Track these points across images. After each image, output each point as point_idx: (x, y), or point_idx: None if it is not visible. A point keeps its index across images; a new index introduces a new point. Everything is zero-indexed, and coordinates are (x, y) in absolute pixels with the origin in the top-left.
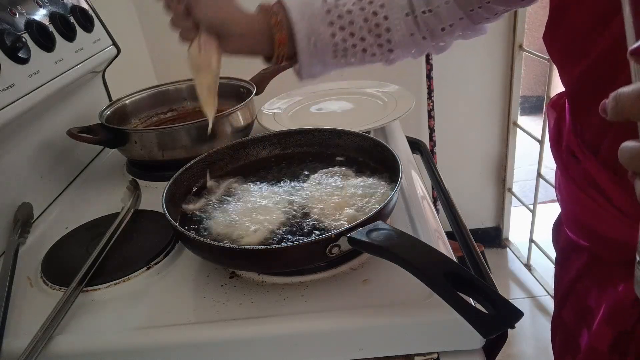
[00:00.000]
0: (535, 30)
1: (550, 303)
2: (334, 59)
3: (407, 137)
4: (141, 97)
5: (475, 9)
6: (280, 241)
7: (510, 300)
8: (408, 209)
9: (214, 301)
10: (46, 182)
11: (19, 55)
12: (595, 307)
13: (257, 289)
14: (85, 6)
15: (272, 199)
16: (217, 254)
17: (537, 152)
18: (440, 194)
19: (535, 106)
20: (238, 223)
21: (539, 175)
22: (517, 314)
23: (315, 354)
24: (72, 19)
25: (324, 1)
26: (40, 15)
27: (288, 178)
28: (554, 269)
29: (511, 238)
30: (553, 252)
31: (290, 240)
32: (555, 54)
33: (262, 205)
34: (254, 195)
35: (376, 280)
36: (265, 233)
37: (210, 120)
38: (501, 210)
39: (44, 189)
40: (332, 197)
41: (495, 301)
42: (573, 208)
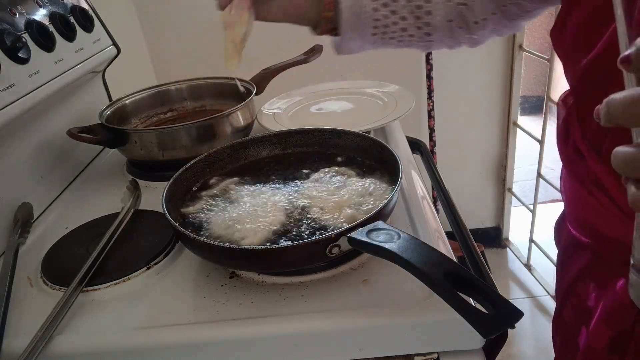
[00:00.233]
0: (535, 30)
1: (550, 303)
2: (374, 36)
3: (407, 137)
4: (141, 97)
5: (507, 5)
6: (282, 242)
7: (510, 300)
8: (408, 209)
9: (214, 301)
10: (46, 182)
11: (19, 55)
12: (594, 307)
13: (257, 289)
14: (85, 6)
15: (273, 200)
16: (217, 254)
17: (537, 152)
18: (440, 194)
19: (535, 106)
20: (239, 224)
21: (539, 175)
22: (517, 314)
23: (315, 354)
24: (72, 19)
25: None
26: (40, 15)
27: (288, 178)
28: (556, 268)
29: (511, 238)
30: (553, 252)
31: (291, 240)
32: (561, 49)
33: (263, 205)
34: (254, 195)
35: (376, 280)
36: (266, 234)
37: (234, 77)
38: (501, 210)
39: (44, 189)
40: (332, 197)
41: (495, 301)
42: (576, 206)
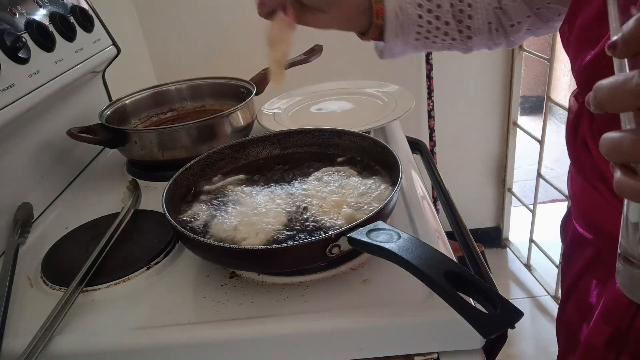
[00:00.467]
0: None
1: (550, 303)
2: (416, 41)
3: (407, 137)
4: (141, 97)
5: (541, 8)
6: (283, 242)
7: (510, 300)
8: (408, 209)
9: (214, 301)
10: (46, 182)
11: (19, 55)
12: (596, 304)
13: (257, 289)
14: (85, 6)
15: (273, 200)
16: (217, 254)
17: (537, 152)
18: (440, 194)
19: (535, 106)
20: (240, 226)
21: (539, 175)
22: (517, 314)
23: (315, 354)
24: (72, 19)
25: None
26: (40, 15)
27: (288, 178)
28: (560, 266)
29: (511, 238)
30: (553, 252)
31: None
32: (569, 46)
33: (264, 206)
34: (255, 196)
35: (376, 280)
36: (267, 235)
37: (277, 83)
38: (501, 210)
39: (44, 189)
40: (332, 196)
41: (495, 301)
42: (582, 202)
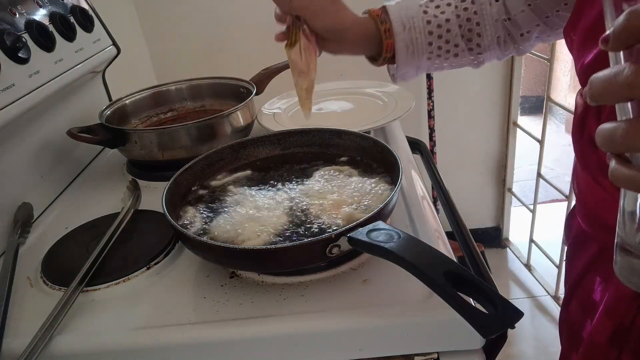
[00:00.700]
0: None
1: (550, 303)
2: (427, 64)
3: (407, 137)
4: (141, 97)
5: (550, 16)
6: (284, 242)
7: (510, 300)
8: (408, 209)
9: (214, 301)
10: (46, 182)
11: (19, 55)
12: (599, 301)
13: (257, 289)
14: (85, 6)
15: (274, 200)
16: (217, 254)
17: (537, 152)
18: (440, 194)
19: (535, 106)
20: (241, 227)
21: (539, 175)
22: (517, 314)
23: (315, 354)
24: (72, 19)
25: (425, 12)
26: (40, 15)
27: (288, 178)
28: (564, 264)
29: (511, 238)
30: (553, 252)
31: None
32: (573, 46)
33: (264, 207)
34: (255, 196)
35: (376, 280)
36: (269, 236)
37: (307, 118)
38: (501, 210)
39: (44, 189)
40: (331, 196)
41: (495, 301)
42: (587, 198)
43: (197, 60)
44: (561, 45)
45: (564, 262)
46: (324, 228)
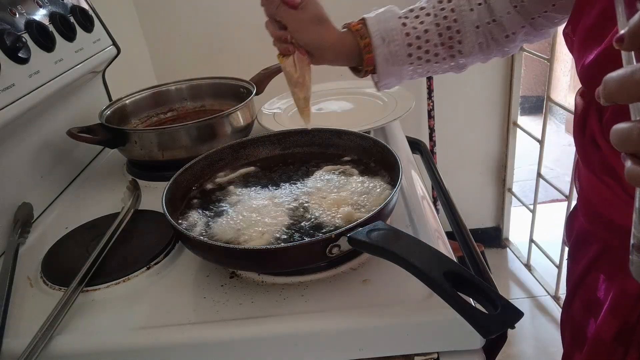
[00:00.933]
0: None
1: (550, 303)
2: (409, 73)
3: (407, 137)
4: (141, 97)
5: (536, 18)
6: (287, 242)
7: (510, 300)
8: (408, 209)
9: (214, 301)
10: (46, 182)
11: (19, 55)
12: (604, 298)
13: (257, 289)
14: (85, 6)
15: (275, 200)
16: (217, 254)
17: (537, 152)
18: (440, 194)
19: (535, 106)
20: (244, 228)
21: (539, 175)
22: (517, 314)
23: (315, 354)
24: (72, 19)
25: (404, 24)
26: (40, 15)
27: (288, 178)
28: (567, 263)
29: (511, 238)
30: (553, 252)
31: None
32: (574, 47)
33: (265, 207)
34: (257, 196)
35: (376, 280)
36: (271, 236)
37: (308, 126)
38: (501, 210)
39: (44, 189)
40: (331, 195)
41: (495, 301)
42: (590, 196)
43: (197, 60)
44: (561, 45)
45: (566, 261)
46: (326, 227)
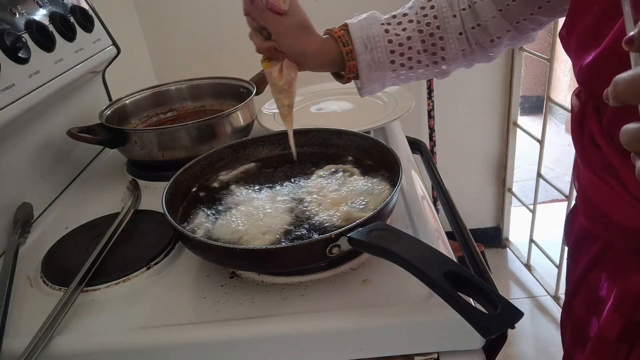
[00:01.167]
0: None
1: (550, 303)
2: (392, 80)
3: (407, 137)
4: (141, 97)
5: (521, 21)
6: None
7: (510, 300)
8: (408, 209)
9: (214, 301)
10: (46, 182)
11: (19, 55)
12: (606, 297)
13: (257, 289)
14: (85, 6)
15: (276, 200)
16: (217, 254)
17: (537, 152)
18: (440, 194)
19: (535, 106)
20: (245, 228)
21: (539, 175)
22: (517, 314)
23: (315, 354)
24: (72, 19)
25: (386, 31)
26: (40, 15)
27: (289, 178)
28: (567, 262)
29: (511, 238)
30: (553, 252)
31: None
32: (571, 48)
33: (267, 207)
34: (258, 197)
35: (376, 280)
36: (274, 235)
37: (290, 135)
38: (501, 210)
39: (44, 189)
40: (330, 194)
41: (495, 301)
42: (590, 195)
43: (197, 60)
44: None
45: (566, 261)
46: (326, 227)
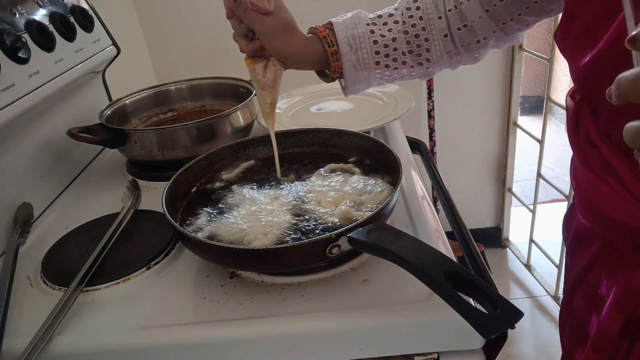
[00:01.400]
0: (535, 30)
1: (550, 303)
2: (376, 80)
3: (407, 137)
4: (141, 97)
5: (507, 22)
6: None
7: (510, 300)
8: (408, 209)
9: (214, 301)
10: (46, 182)
11: (19, 55)
12: (606, 294)
13: (257, 289)
14: (85, 6)
15: (277, 200)
16: (217, 254)
17: (537, 152)
18: (440, 194)
19: (535, 106)
20: (247, 228)
21: (539, 175)
22: (517, 314)
23: (315, 354)
24: (72, 19)
25: (372, 31)
26: (40, 15)
27: (289, 178)
28: (565, 260)
29: (511, 238)
30: (553, 252)
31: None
32: (566, 49)
33: (268, 207)
34: (258, 197)
35: (376, 280)
36: (276, 235)
37: (272, 133)
38: (501, 210)
39: (44, 189)
40: (330, 193)
41: (495, 301)
42: (588, 194)
43: (197, 60)
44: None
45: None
46: (327, 227)
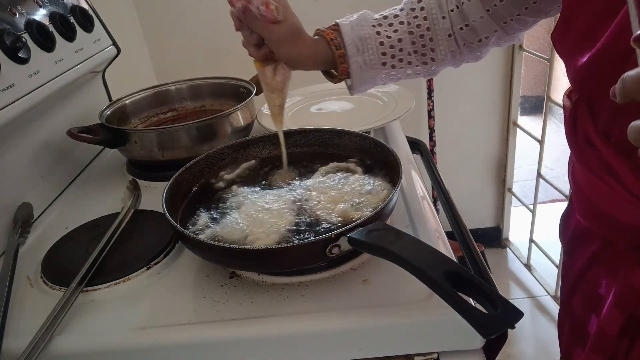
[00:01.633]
0: (535, 30)
1: (550, 303)
2: (382, 79)
3: (407, 137)
4: (141, 97)
5: (508, 22)
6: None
7: (510, 300)
8: (408, 209)
9: (214, 301)
10: (46, 182)
11: (19, 55)
12: (605, 294)
13: (257, 289)
14: (85, 6)
15: (277, 200)
16: (217, 254)
17: (537, 152)
18: (440, 194)
19: (535, 106)
20: (249, 228)
21: (539, 175)
22: (517, 314)
23: (315, 354)
24: (72, 19)
25: (378, 33)
26: (40, 15)
27: (290, 178)
28: (562, 260)
29: (511, 238)
30: (553, 252)
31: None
32: (564, 50)
33: (268, 207)
34: (259, 197)
35: (376, 280)
36: (279, 236)
37: (280, 135)
38: (501, 210)
39: (44, 189)
40: (330, 192)
41: (495, 301)
42: (587, 194)
43: (197, 60)
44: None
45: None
46: (327, 227)
